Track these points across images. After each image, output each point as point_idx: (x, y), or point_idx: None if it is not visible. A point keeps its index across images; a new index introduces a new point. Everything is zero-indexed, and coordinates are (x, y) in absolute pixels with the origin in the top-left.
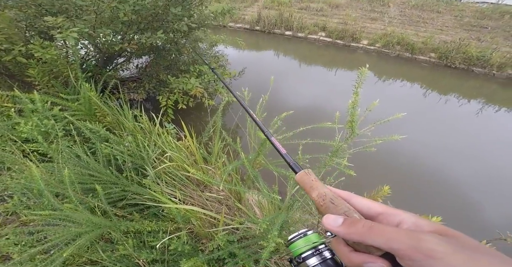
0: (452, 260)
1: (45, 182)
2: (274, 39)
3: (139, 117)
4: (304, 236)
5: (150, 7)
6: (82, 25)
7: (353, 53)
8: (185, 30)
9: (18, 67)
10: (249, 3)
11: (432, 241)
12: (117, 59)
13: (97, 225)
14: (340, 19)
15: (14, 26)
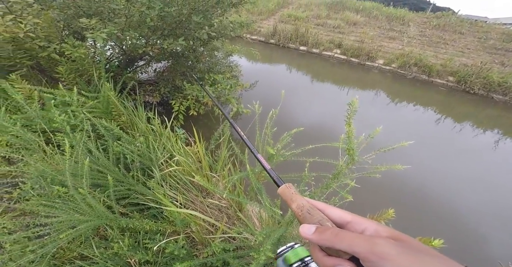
0: (400, 260)
1: (59, 173)
2: (288, 53)
3: (152, 119)
4: (292, 249)
5: (175, 14)
6: (112, 27)
7: (367, 72)
8: (205, 38)
9: (49, 64)
10: (265, 16)
11: (384, 245)
12: (138, 62)
13: (99, 216)
14: (357, 36)
15: (54, 25)
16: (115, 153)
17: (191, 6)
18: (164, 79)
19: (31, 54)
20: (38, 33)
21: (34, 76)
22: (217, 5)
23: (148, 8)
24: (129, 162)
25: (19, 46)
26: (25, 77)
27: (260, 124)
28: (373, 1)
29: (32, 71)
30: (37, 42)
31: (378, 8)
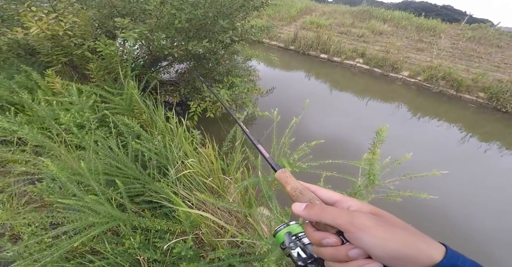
0: (376, 231)
1: (74, 171)
2: (307, 60)
3: (170, 119)
4: (287, 226)
5: (201, 17)
6: (143, 27)
7: (390, 84)
8: (228, 42)
9: (81, 61)
10: (287, 22)
11: (363, 218)
12: (161, 62)
13: (113, 217)
14: (382, 46)
15: (89, 24)
16: (134, 150)
17: (217, 9)
18: (185, 80)
19: (66, 51)
20: (75, 31)
21: (67, 72)
22: (240, 9)
23: (178, 10)
24: (146, 159)
25: (57, 43)
26: (59, 73)
27: (277, 133)
28: (403, 11)
29: (65, 67)
30: (74, 40)
31: (408, 18)
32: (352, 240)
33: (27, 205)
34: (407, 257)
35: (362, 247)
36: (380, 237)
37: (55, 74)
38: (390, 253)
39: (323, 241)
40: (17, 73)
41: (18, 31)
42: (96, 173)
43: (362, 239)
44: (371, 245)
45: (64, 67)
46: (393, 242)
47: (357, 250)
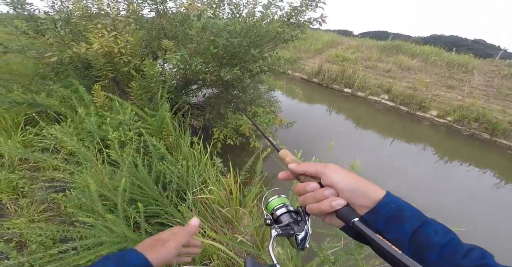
0: (341, 172)
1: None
2: (330, 94)
3: (195, 144)
4: (278, 197)
5: (236, 45)
6: (184, 51)
7: (416, 123)
8: (257, 71)
9: (124, 78)
10: (312, 55)
11: (332, 165)
12: (192, 86)
13: (125, 238)
14: (410, 83)
15: (139, 44)
16: (157, 171)
17: (251, 39)
18: (211, 105)
19: (115, 68)
20: (126, 50)
21: (110, 88)
22: (271, 40)
23: (217, 36)
24: (167, 182)
25: (109, 60)
26: (103, 87)
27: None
28: (432, 45)
29: (110, 83)
30: (124, 57)
31: (438, 53)
32: (325, 180)
33: (43, 213)
34: (361, 192)
35: (331, 183)
36: (344, 175)
37: (101, 88)
38: (349, 187)
39: (308, 187)
40: (70, 85)
41: (82, 46)
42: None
43: (333, 177)
44: (338, 181)
45: (109, 82)
46: (352, 179)
47: (331, 190)
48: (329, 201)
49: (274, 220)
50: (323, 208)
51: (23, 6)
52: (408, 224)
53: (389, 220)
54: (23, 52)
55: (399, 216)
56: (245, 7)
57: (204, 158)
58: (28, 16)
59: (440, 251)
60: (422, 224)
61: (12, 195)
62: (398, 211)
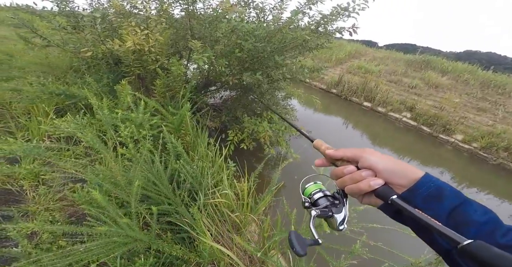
0: (378, 155)
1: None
2: (348, 107)
3: (211, 146)
4: (315, 183)
5: (260, 50)
6: (210, 52)
7: (438, 147)
8: (279, 78)
9: (149, 75)
10: (332, 64)
11: (370, 149)
12: (211, 87)
13: (136, 239)
14: (436, 102)
15: (167, 43)
16: (172, 169)
17: (275, 45)
18: (227, 107)
19: (142, 65)
20: (156, 48)
21: (135, 84)
22: (296, 48)
23: (243, 40)
24: (181, 181)
25: (138, 57)
26: (129, 83)
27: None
28: (464, 61)
29: (136, 79)
30: (152, 56)
31: (471, 71)
32: (363, 163)
33: (58, 202)
34: (399, 172)
35: (370, 165)
36: (381, 157)
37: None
38: (388, 167)
39: (345, 170)
40: (100, 79)
41: (116, 43)
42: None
43: (371, 159)
44: (377, 162)
45: (135, 79)
46: (390, 161)
47: (368, 171)
48: (368, 180)
49: (312, 204)
50: (362, 188)
51: (66, 3)
52: (447, 202)
53: (427, 199)
54: (63, 46)
55: (438, 195)
56: (271, 12)
57: (219, 160)
58: (70, 12)
59: (478, 229)
60: (462, 203)
61: (33, 182)
62: (437, 189)
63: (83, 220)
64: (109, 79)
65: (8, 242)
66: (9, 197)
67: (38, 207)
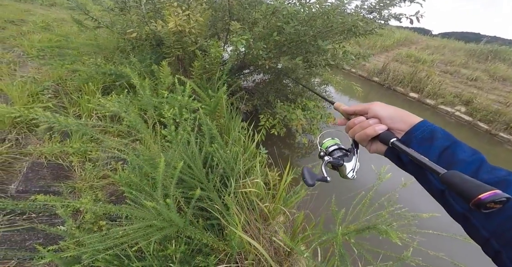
0: (382, 104)
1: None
2: (391, 97)
3: (244, 130)
4: (332, 139)
5: (302, 33)
6: (249, 34)
7: (495, 145)
8: (320, 64)
9: (187, 57)
10: (377, 51)
11: (376, 102)
12: (245, 70)
13: (171, 222)
14: (501, 97)
15: (206, 24)
16: (206, 152)
17: (319, 29)
18: (260, 91)
19: (182, 46)
20: (196, 30)
21: (175, 65)
22: (343, 33)
23: (285, 23)
24: (214, 165)
25: (178, 38)
26: (169, 64)
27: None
28: None
29: (176, 60)
30: (192, 37)
31: None
32: (370, 113)
33: (102, 180)
34: (399, 118)
35: (375, 114)
36: (384, 107)
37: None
38: (389, 114)
39: (356, 120)
40: (143, 59)
41: (159, 24)
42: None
43: (375, 108)
44: (379, 110)
45: (175, 60)
46: (391, 109)
47: (374, 119)
48: (373, 126)
49: (327, 154)
50: (368, 132)
51: None
52: (437, 143)
53: (422, 141)
54: (111, 28)
55: (431, 137)
56: None
57: (251, 146)
58: None
59: (464, 167)
60: (451, 144)
61: (81, 158)
62: (430, 133)
63: (122, 200)
64: (152, 60)
65: (55, 219)
66: (60, 172)
67: (84, 184)
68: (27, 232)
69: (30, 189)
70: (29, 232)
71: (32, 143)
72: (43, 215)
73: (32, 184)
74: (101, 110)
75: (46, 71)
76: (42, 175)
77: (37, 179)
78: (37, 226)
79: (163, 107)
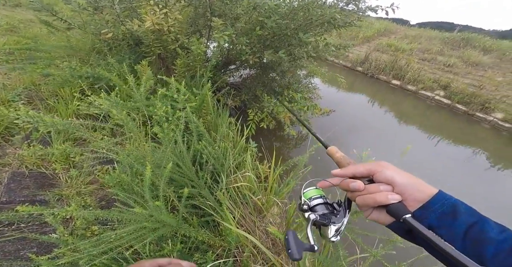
0: (394, 168)
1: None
2: (375, 85)
3: (232, 125)
4: (315, 189)
5: (284, 27)
6: (231, 30)
7: (473, 124)
8: (303, 56)
9: (169, 55)
10: (359, 42)
11: (385, 162)
12: (230, 66)
13: (163, 223)
14: (475, 80)
15: (186, 22)
16: (195, 150)
17: (299, 22)
18: (247, 86)
19: (162, 45)
20: (175, 28)
21: (156, 64)
22: (323, 25)
23: (266, 18)
24: (203, 162)
25: (158, 37)
26: (149, 63)
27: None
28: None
29: (156, 59)
30: (172, 35)
31: None
32: (379, 177)
33: (89, 185)
34: (415, 186)
35: (386, 178)
36: (398, 171)
37: (147, 64)
38: (404, 181)
39: (350, 185)
40: (122, 60)
41: (135, 23)
42: (163, 169)
43: (387, 172)
44: (393, 175)
45: (155, 59)
46: (406, 175)
47: (386, 186)
48: (386, 194)
49: (310, 208)
50: (378, 199)
51: None
52: (462, 219)
53: (442, 216)
54: (84, 28)
55: (453, 212)
56: None
57: (241, 140)
58: None
59: (497, 246)
60: (477, 221)
61: (64, 165)
62: (452, 206)
63: (112, 204)
64: (131, 60)
65: (46, 227)
66: (44, 181)
67: (71, 190)
68: (19, 242)
69: (14, 199)
70: (21, 241)
71: (9, 153)
72: (33, 224)
73: (16, 194)
74: (88, 109)
75: (16, 76)
76: (25, 184)
77: (21, 189)
78: (28, 236)
79: (154, 106)
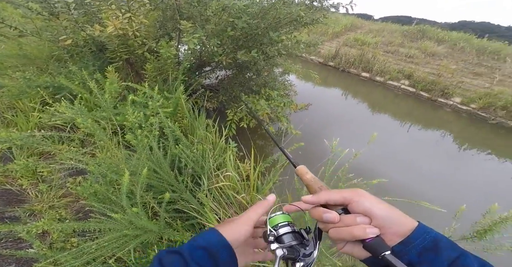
0: (372, 198)
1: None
2: (346, 78)
3: (209, 127)
4: (282, 214)
5: (254, 27)
6: (201, 32)
7: (437, 109)
8: (275, 55)
9: (139, 60)
10: (329, 38)
11: (362, 190)
12: (205, 68)
13: (145, 229)
14: (433, 69)
15: (153, 25)
16: (172, 155)
17: (269, 21)
18: (224, 87)
19: (129, 50)
20: (141, 32)
21: (124, 70)
22: (290, 23)
23: (236, 19)
24: (182, 166)
25: (123, 42)
26: (117, 69)
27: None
28: (459, 31)
29: (124, 64)
30: (138, 40)
31: (467, 39)
32: (356, 208)
33: (63, 198)
34: (395, 219)
35: (363, 209)
36: (376, 202)
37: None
38: (384, 214)
39: (324, 216)
40: (85, 67)
41: (96, 28)
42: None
43: (365, 203)
44: (371, 207)
45: (123, 64)
46: (385, 206)
47: (364, 218)
48: (364, 227)
49: (276, 239)
50: (355, 233)
51: None
52: (444, 255)
53: (423, 251)
54: (38, 35)
55: (435, 247)
56: None
57: (220, 141)
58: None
59: None
60: (459, 256)
61: (32, 180)
62: (433, 241)
63: (89, 215)
64: (95, 67)
65: (22, 243)
66: (11, 197)
67: (43, 205)
68: None
69: None
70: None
71: None
72: (6, 241)
73: None
74: (47, 122)
75: None
76: None
77: None
78: (2, 252)
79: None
